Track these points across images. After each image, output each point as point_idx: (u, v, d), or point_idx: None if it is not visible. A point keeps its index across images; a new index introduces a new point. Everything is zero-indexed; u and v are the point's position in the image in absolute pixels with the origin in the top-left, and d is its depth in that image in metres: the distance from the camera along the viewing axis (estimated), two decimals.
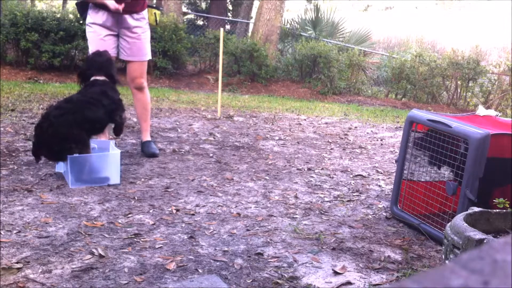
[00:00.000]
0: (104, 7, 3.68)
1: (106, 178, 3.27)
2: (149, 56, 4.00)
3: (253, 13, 13.32)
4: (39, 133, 3.18)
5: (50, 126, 3.13)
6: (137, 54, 3.90)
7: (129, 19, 3.79)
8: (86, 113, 3.24)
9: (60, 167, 3.38)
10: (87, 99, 3.30)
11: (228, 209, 3.01)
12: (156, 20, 4.10)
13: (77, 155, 3.23)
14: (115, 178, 3.27)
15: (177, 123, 5.43)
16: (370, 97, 9.78)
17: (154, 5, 4.16)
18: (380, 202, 3.37)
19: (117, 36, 3.84)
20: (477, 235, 1.82)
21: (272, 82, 9.87)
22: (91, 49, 3.74)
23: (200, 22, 14.39)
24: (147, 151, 3.98)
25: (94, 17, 3.74)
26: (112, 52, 3.77)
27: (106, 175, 3.27)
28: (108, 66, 3.51)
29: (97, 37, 3.75)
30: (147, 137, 4.10)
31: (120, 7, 3.64)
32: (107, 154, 3.33)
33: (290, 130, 5.62)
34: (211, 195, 3.23)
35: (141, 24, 3.87)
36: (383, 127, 6.42)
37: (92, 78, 3.44)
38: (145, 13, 3.90)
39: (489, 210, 2.17)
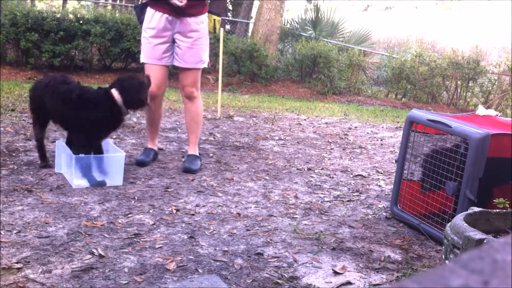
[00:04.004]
0: (163, 8, 3.49)
1: (109, 179, 3.26)
2: (204, 64, 3.71)
3: (253, 13, 13.32)
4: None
5: None
6: (189, 60, 3.61)
7: (185, 23, 3.53)
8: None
9: (60, 167, 3.38)
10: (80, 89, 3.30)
11: (228, 209, 3.01)
12: (214, 27, 3.88)
13: (82, 155, 3.23)
14: (118, 180, 3.27)
15: (177, 123, 5.43)
16: (370, 97, 9.78)
17: (215, 11, 3.89)
18: (380, 202, 3.37)
19: (172, 42, 3.61)
20: (477, 235, 1.82)
21: (272, 82, 9.87)
22: (143, 55, 3.65)
23: None
24: (183, 165, 3.73)
25: (149, 20, 3.55)
26: (164, 61, 3.62)
27: (109, 177, 3.27)
28: (135, 89, 3.30)
29: (149, 44, 3.58)
30: (191, 150, 3.83)
31: (183, 3, 3.38)
32: (112, 156, 3.33)
33: (290, 130, 5.62)
34: (211, 195, 3.23)
35: (198, 28, 3.58)
36: (383, 127, 6.42)
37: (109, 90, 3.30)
38: (204, 18, 3.63)
39: (489, 210, 2.17)
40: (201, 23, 3.61)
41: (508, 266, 0.43)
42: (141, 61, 3.72)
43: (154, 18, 3.53)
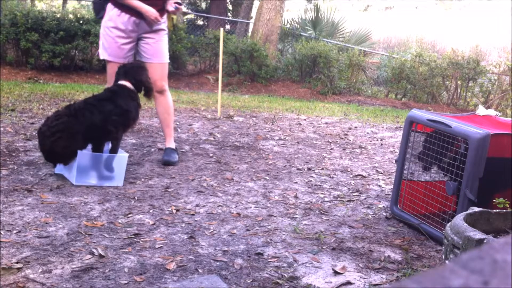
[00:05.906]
0: (131, 11, 3.60)
1: (110, 179, 3.26)
2: (168, 59, 3.93)
3: (253, 13, 13.32)
4: (40, 139, 3.23)
5: (43, 132, 3.18)
6: (158, 55, 3.81)
7: (153, 24, 3.70)
8: (80, 118, 3.19)
9: (60, 168, 3.37)
10: (86, 104, 3.29)
11: (228, 209, 3.01)
12: (173, 25, 4.01)
13: (85, 152, 3.24)
14: (119, 180, 3.27)
15: (177, 123, 5.42)
16: (370, 97, 9.78)
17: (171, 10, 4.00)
18: (380, 202, 3.37)
19: (136, 40, 3.75)
20: (477, 235, 1.82)
21: (272, 82, 9.87)
22: (106, 52, 3.71)
23: (200, 22, 14.40)
24: (163, 158, 3.85)
25: (115, 20, 3.62)
26: (128, 59, 3.75)
27: (111, 176, 3.27)
28: (136, 71, 3.47)
29: (115, 44, 3.66)
30: (169, 143, 3.96)
31: (159, 16, 3.61)
32: (115, 156, 3.33)
33: (290, 130, 5.62)
34: (211, 195, 3.23)
35: (162, 27, 3.80)
36: (383, 127, 6.42)
37: (118, 83, 3.44)
38: (165, 18, 3.82)
39: (489, 210, 2.17)
40: (164, 23, 3.82)
41: (508, 266, 0.43)
42: (101, 57, 3.79)
43: (120, 19, 3.62)
